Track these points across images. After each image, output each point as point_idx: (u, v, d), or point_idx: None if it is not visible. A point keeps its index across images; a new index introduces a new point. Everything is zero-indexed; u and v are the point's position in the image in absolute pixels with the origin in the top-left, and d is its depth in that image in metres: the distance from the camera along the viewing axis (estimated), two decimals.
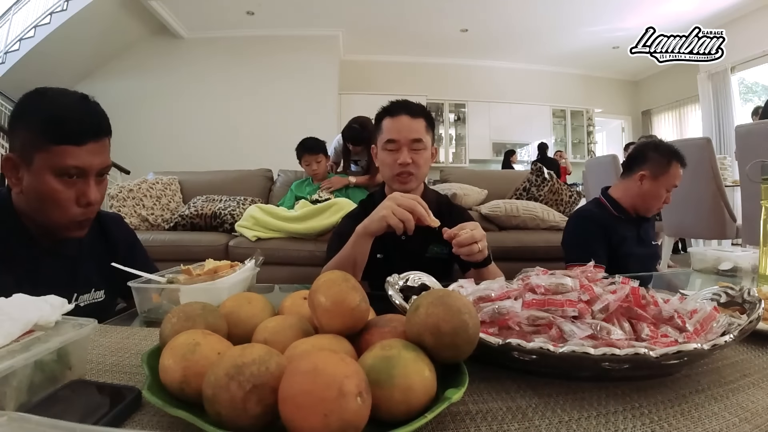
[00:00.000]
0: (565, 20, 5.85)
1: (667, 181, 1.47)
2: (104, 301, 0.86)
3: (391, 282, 0.55)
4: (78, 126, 0.70)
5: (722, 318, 0.47)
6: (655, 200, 1.48)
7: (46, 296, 0.42)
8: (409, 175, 1.07)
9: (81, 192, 0.71)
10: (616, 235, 1.47)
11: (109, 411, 0.34)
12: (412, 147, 1.06)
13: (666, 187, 1.47)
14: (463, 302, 0.38)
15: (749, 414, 0.36)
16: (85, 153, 0.70)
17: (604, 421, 0.35)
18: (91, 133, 0.71)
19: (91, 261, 0.85)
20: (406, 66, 7.27)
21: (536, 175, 2.52)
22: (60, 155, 0.68)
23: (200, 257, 0.86)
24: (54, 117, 0.69)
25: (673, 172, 1.47)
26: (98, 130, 0.72)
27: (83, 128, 0.70)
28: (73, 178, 0.70)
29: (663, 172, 1.47)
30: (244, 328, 0.44)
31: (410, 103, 1.10)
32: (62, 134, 0.68)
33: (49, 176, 0.69)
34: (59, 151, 0.68)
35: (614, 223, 1.50)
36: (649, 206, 1.50)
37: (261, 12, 5.80)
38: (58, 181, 0.69)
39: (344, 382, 0.28)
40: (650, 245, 1.57)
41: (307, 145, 2.49)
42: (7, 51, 5.44)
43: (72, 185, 0.71)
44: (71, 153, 0.68)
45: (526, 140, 7.64)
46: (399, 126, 1.07)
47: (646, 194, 1.49)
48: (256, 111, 6.26)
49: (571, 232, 1.58)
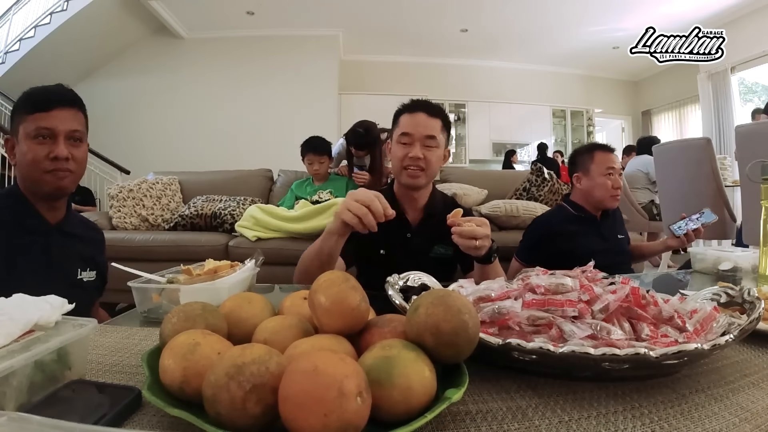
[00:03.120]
0: (565, 20, 5.85)
1: (598, 169, 1.50)
2: (95, 281, 0.99)
3: (391, 282, 0.55)
4: (45, 97, 0.88)
5: (722, 318, 0.47)
6: (600, 189, 1.50)
7: (46, 296, 0.42)
8: (419, 170, 1.07)
9: (50, 149, 0.86)
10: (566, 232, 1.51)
11: (109, 411, 0.34)
12: (425, 143, 1.07)
13: (601, 174, 1.50)
14: (463, 302, 0.38)
15: (749, 414, 0.36)
16: (51, 118, 0.86)
17: (604, 421, 0.35)
18: (56, 102, 0.87)
19: (86, 244, 1.00)
20: (406, 66, 7.27)
21: (536, 175, 2.52)
22: (32, 121, 0.86)
23: (200, 257, 0.86)
24: (29, 94, 0.89)
25: (599, 158, 1.51)
26: (62, 99, 0.89)
27: (50, 98, 0.88)
28: (45, 138, 0.86)
29: (590, 163, 1.52)
30: (244, 328, 0.44)
31: (430, 103, 1.12)
32: (33, 104, 0.87)
33: (28, 141, 0.86)
34: (32, 118, 0.86)
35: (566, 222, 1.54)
36: (600, 198, 1.51)
37: (261, 12, 5.80)
38: (34, 142, 0.86)
39: (344, 382, 0.28)
40: (614, 239, 1.59)
41: (313, 144, 2.48)
42: (7, 51, 5.44)
43: (44, 144, 0.86)
44: (40, 117, 0.86)
45: (526, 140, 7.64)
46: (415, 121, 1.08)
47: (588, 190, 1.53)
48: (256, 111, 6.26)
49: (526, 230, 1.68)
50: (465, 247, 0.85)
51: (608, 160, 1.51)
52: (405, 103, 1.14)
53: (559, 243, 1.49)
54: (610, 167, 1.50)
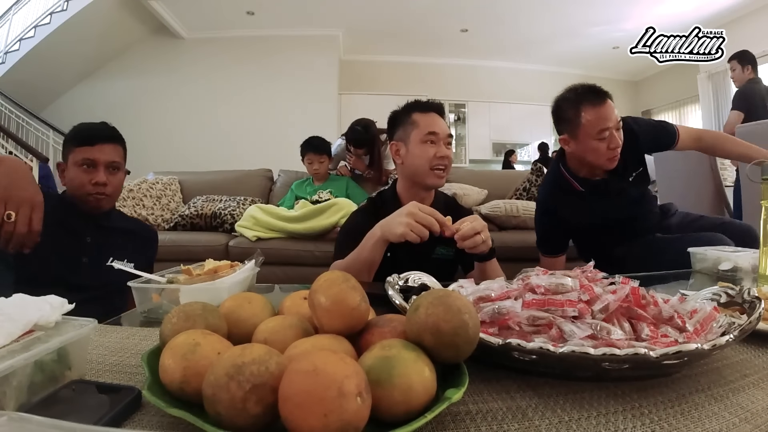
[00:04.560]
0: (565, 20, 5.85)
1: (589, 132, 1.20)
2: None
3: (391, 282, 0.55)
4: (90, 133, 1.09)
5: (722, 318, 0.47)
6: (593, 154, 1.22)
7: (46, 296, 0.42)
8: (445, 168, 1.09)
9: (92, 176, 1.07)
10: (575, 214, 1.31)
11: (109, 411, 0.34)
12: (447, 142, 1.10)
13: (593, 138, 1.20)
14: (463, 302, 0.38)
15: (749, 414, 0.36)
16: (95, 151, 1.07)
17: (604, 421, 0.35)
18: (98, 138, 1.08)
19: (126, 239, 1.17)
20: (406, 66, 7.27)
21: (536, 175, 2.52)
22: (80, 153, 1.07)
23: (200, 257, 0.86)
24: (81, 130, 1.10)
25: (588, 118, 1.19)
26: (104, 136, 1.10)
27: (93, 134, 1.09)
28: (88, 167, 1.07)
29: (577, 126, 1.22)
30: (244, 328, 0.44)
31: (435, 103, 1.14)
32: (81, 139, 1.08)
33: (74, 168, 1.07)
34: (79, 150, 1.07)
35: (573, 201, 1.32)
36: (594, 163, 1.25)
37: (261, 12, 5.80)
38: (79, 170, 1.07)
39: (344, 382, 0.28)
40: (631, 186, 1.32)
41: (313, 143, 2.49)
42: (7, 51, 5.44)
43: (87, 172, 1.07)
44: (85, 151, 1.07)
45: (526, 140, 7.64)
46: (436, 121, 1.10)
47: (579, 154, 1.26)
48: (256, 111, 6.26)
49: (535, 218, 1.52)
50: (473, 246, 0.85)
51: (600, 119, 1.18)
52: (411, 103, 1.15)
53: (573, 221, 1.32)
54: (604, 128, 1.18)
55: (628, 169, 1.32)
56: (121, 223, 1.21)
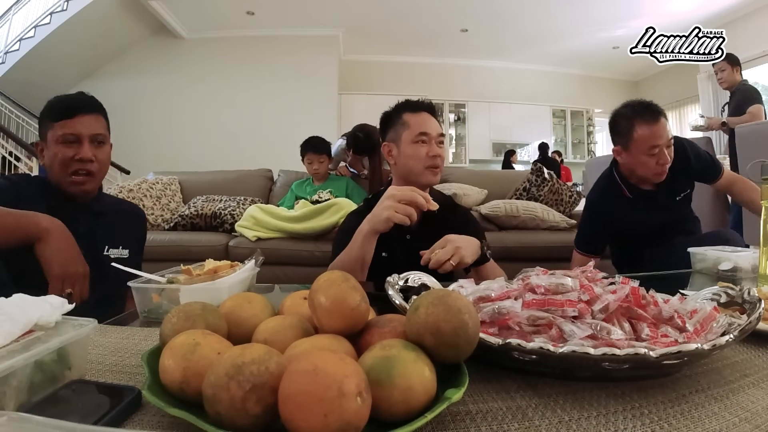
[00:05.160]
0: (565, 20, 5.85)
1: (640, 147, 1.27)
2: (128, 258, 1.03)
3: (391, 282, 0.55)
4: (68, 105, 0.96)
5: (722, 318, 0.47)
6: (642, 168, 1.30)
7: (46, 296, 0.42)
8: (438, 168, 1.10)
9: (76, 151, 0.94)
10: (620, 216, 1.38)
11: (109, 411, 0.34)
12: (438, 141, 1.10)
13: (642, 153, 1.27)
14: (463, 302, 0.38)
15: (749, 414, 0.36)
16: (75, 123, 0.94)
17: (604, 421, 0.35)
18: (78, 109, 0.95)
19: (118, 223, 1.06)
20: (406, 66, 7.28)
21: (536, 175, 2.52)
22: (59, 127, 0.94)
23: (200, 257, 0.86)
24: (54, 103, 0.97)
25: (640, 134, 1.26)
26: (84, 106, 0.96)
27: (73, 105, 0.96)
28: (70, 143, 0.94)
29: (629, 139, 1.29)
30: (244, 328, 0.44)
31: (426, 102, 1.15)
32: (58, 112, 0.95)
33: (55, 145, 0.94)
34: (58, 125, 0.94)
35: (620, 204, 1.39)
36: (643, 176, 1.33)
37: (261, 12, 5.81)
38: (61, 146, 0.94)
39: (344, 382, 0.28)
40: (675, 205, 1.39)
41: (313, 143, 2.49)
42: (7, 51, 5.45)
43: (70, 147, 0.94)
44: (65, 124, 0.94)
45: (526, 140, 7.64)
46: (427, 121, 1.10)
47: (629, 166, 1.34)
48: (256, 111, 6.26)
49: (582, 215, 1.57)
50: (448, 271, 0.87)
51: (651, 136, 1.25)
52: (401, 103, 1.15)
53: (617, 224, 1.39)
54: (654, 145, 1.24)
55: (677, 189, 1.39)
56: (112, 207, 1.11)
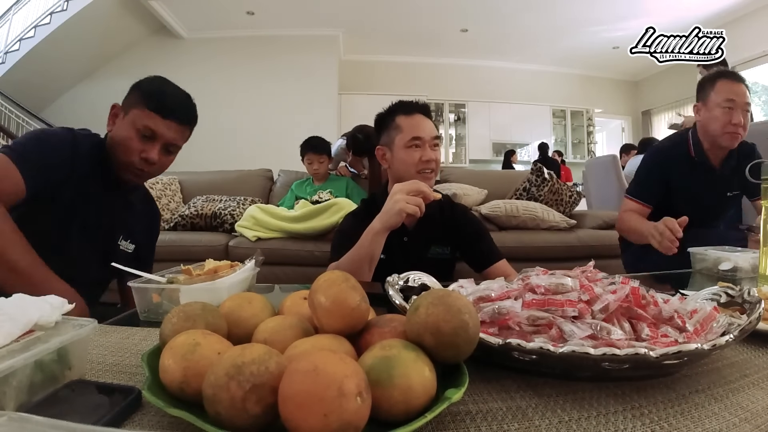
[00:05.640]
0: (565, 20, 5.85)
1: (716, 98, 1.35)
2: (131, 253, 1.02)
3: (391, 282, 0.55)
4: (171, 105, 0.91)
5: (722, 318, 0.47)
6: (714, 122, 1.36)
7: (46, 296, 0.42)
8: (432, 172, 1.08)
9: (145, 148, 0.90)
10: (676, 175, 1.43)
11: (109, 411, 0.34)
12: (432, 144, 1.08)
13: (717, 104, 1.35)
14: (463, 302, 0.38)
15: (749, 414, 0.36)
16: (163, 125, 0.90)
17: (604, 421, 0.35)
18: (175, 115, 0.91)
19: (138, 217, 1.05)
20: (406, 66, 7.28)
21: (536, 175, 2.52)
22: (146, 117, 0.88)
23: (200, 257, 0.86)
24: (161, 93, 0.92)
25: (721, 86, 1.36)
26: (182, 117, 0.93)
27: (174, 109, 0.92)
28: (146, 138, 0.89)
29: (710, 90, 1.38)
30: (244, 328, 0.44)
31: (420, 103, 1.13)
32: (157, 105, 0.89)
33: (131, 128, 0.89)
34: (148, 114, 0.89)
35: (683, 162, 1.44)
36: (713, 133, 1.37)
37: (261, 12, 5.81)
38: (135, 134, 0.89)
39: (344, 382, 0.28)
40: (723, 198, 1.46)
41: (313, 143, 2.49)
42: (7, 51, 5.45)
43: (142, 141, 0.89)
44: (154, 119, 0.89)
45: (526, 140, 7.64)
46: (421, 124, 1.08)
47: (704, 122, 1.40)
48: (256, 111, 6.26)
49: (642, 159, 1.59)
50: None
51: (730, 90, 1.34)
52: (396, 105, 1.13)
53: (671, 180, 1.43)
54: (730, 99, 1.33)
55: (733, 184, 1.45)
56: (140, 200, 1.08)
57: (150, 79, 0.95)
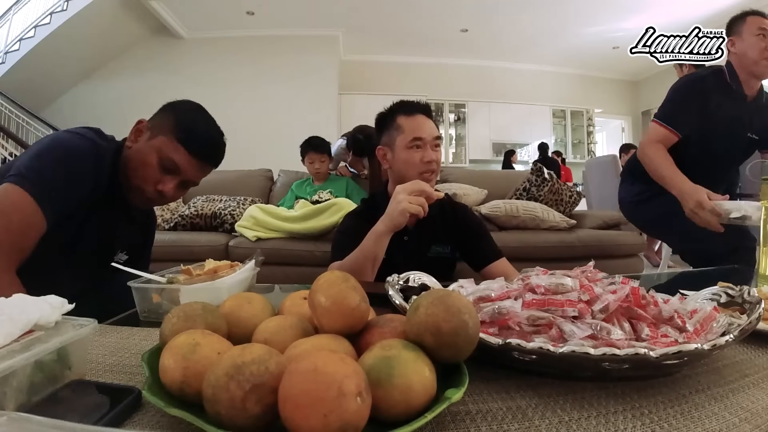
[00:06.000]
0: (565, 20, 5.85)
1: (750, 29, 1.43)
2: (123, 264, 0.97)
3: (391, 282, 0.55)
4: (203, 145, 0.88)
5: (722, 318, 0.47)
6: (751, 49, 1.43)
7: (46, 296, 0.42)
8: (433, 173, 1.08)
9: (163, 180, 0.86)
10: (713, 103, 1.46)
11: (109, 411, 0.34)
12: (434, 144, 1.08)
13: (752, 34, 1.43)
14: (463, 302, 0.38)
15: (749, 414, 0.36)
16: (188, 162, 0.86)
17: (604, 421, 0.35)
18: (205, 157, 0.89)
19: (135, 230, 1.01)
20: (406, 66, 7.27)
21: (536, 175, 2.52)
22: (173, 150, 0.84)
23: (200, 257, 0.86)
24: (195, 127, 0.88)
25: (751, 20, 1.44)
26: (210, 159, 0.91)
27: (204, 150, 0.88)
28: (166, 170, 0.85)
29: (741, 25, 1.46)
30: (244, 328, 0.44)
31: (421, 104, 1.12)
32: (189, 140, 0.85)
33: (153, 155, 0.84)
34: (176, 148, 0.84)
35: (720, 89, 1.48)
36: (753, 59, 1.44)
37: (261, 12, 5.80)
38: (156, 162, 0.84)
39: (344, 382, 0.28)
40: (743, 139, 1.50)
41: (314, 143, 2.49)
42: (7, 51, 5.45)
43: (161, 172, 0.85)
44: (180, 154, 0.85)
45: (526, 140, 7.64)
46: (422, 124, 1.08)
47: (741, 52, 1.46)
48: (256, 111, 6.26)
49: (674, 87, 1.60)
50: None
51: (761, 21, 1.44)
52: (396, 105, 1.12)
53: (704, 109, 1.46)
54: (762, 28, 1.43)
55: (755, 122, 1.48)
56: (143, 217, 1.05)
57: (186, 105, 0.91)
